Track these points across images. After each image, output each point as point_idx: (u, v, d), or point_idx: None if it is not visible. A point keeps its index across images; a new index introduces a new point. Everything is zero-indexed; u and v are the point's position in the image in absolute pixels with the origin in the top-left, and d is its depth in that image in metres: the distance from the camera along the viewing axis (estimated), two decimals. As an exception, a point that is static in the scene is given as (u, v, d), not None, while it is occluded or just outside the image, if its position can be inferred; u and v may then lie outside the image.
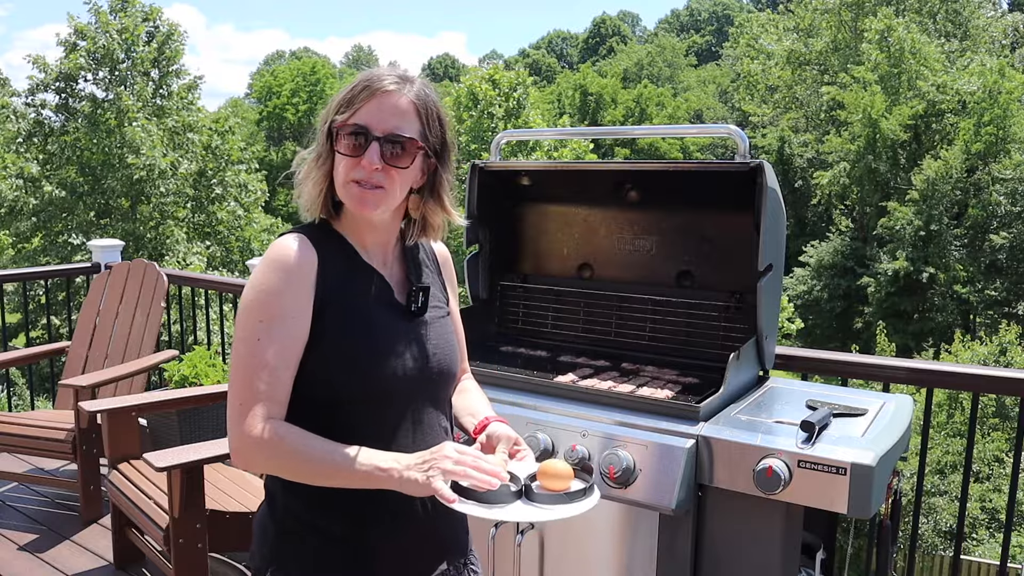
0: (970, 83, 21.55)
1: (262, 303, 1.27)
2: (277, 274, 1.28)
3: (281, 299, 1.28)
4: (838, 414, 1.96)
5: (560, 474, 1.35)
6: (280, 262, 1.29)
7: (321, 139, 1.36)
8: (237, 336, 1.27)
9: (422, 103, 1.35)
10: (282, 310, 1.27)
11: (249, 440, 1.25)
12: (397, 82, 1.34)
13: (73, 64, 17.95)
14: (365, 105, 1.32)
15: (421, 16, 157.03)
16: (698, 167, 2.44)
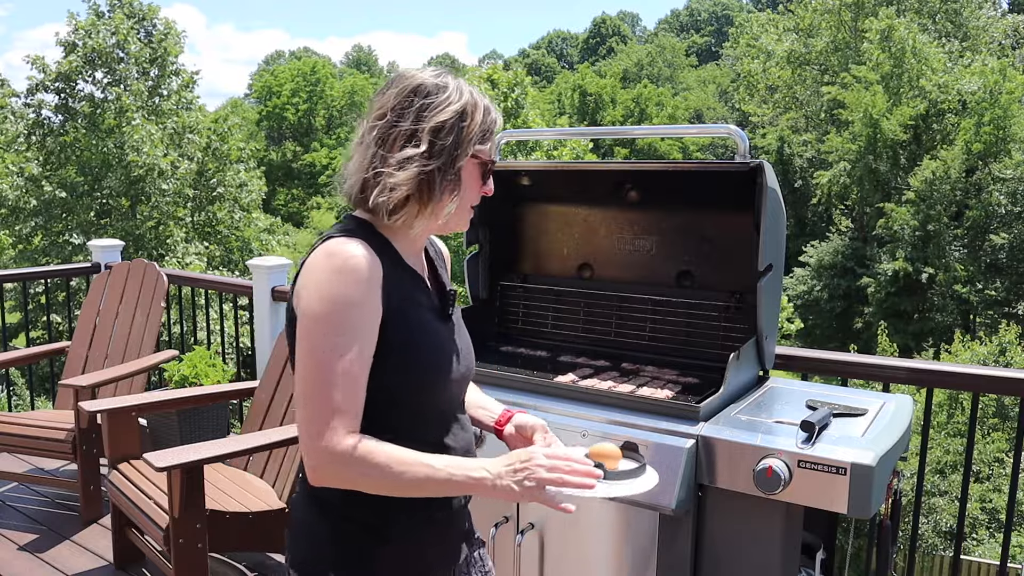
0: (971, 83, 21.55)
1: (340, 315, 1.23)
2: (352, 285, 1.24)
3: (359, 310, 1.25)
4: (838, 414, 1.96)
5: (612, 454, 1.43)
6: (355, 273, 1.24)
7: (447, 159, 1.32)
8: (308, 348, 1.24)
9: None
10: (361, 321, 1.25)
11: (335, 456, 1.22)
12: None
13: (72, 65, 17.95)
14: (493, 139, 1.39)
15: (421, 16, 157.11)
16: (698, 167, 2.44)
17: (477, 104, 1.35)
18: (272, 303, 4.19)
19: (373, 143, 1.32)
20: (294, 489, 3.13)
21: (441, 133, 1.31)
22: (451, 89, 1.34)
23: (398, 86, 1.35)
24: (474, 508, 1.50)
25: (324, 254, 1.26)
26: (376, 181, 1.30)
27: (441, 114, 1.31)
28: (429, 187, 1.30)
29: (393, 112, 1.32)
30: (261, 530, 2.85)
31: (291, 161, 45.70)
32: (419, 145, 1.29)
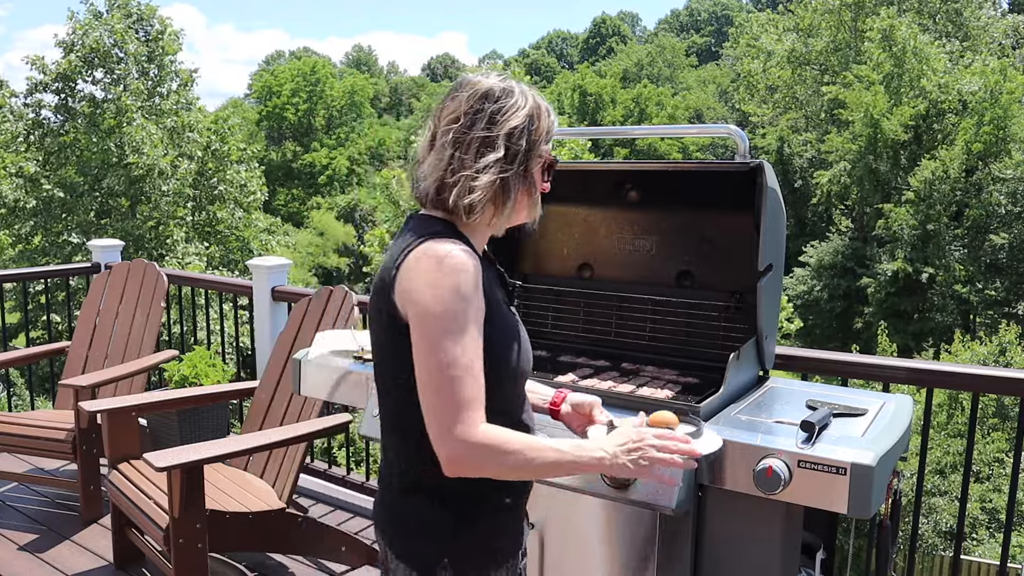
0: (971, 83, 21.54)
1: (456, 311, 1.29)
2: (463, 282, 1.30)
3: (472, 306, 1.31)
4: (838, 414, 1.96)
5: (672, 421, 1.64)
6: (463, 271, 1.31)
7: (521, 162, 1.42)
8: (429, 347, 1.29)
9: None
10: (475, 315, 1.32)
11: (472, 446, 1.28)
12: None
13: (71, 65, 17.94)
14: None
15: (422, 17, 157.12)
16: (698, 167, 2.44)
17: (541, 107, 1.45)
18: (272, 303, 4.19)
19: (450, 146, 1.39)
20: (294, 489, 3.13)
21: (514, 138, 1.40)
22: (517, 93, 1.42)
23: (467, 91, 1.42)
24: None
25: (427, 256, 1.32)
26: (455, 183, 1.37)
27: (513, 119, 1.40)
28: (505, 189, 1.40)
29: (466, 116, 1.39)
30: (261, 530, 2.85)
31: (291, 161, 45.69)
32: (497, 150, 1.38)
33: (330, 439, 8.16)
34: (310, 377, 2.56)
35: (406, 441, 1.41)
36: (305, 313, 3.50)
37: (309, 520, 3.11)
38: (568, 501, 2.10)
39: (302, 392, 2.61)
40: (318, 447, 9.74)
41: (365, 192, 41.46)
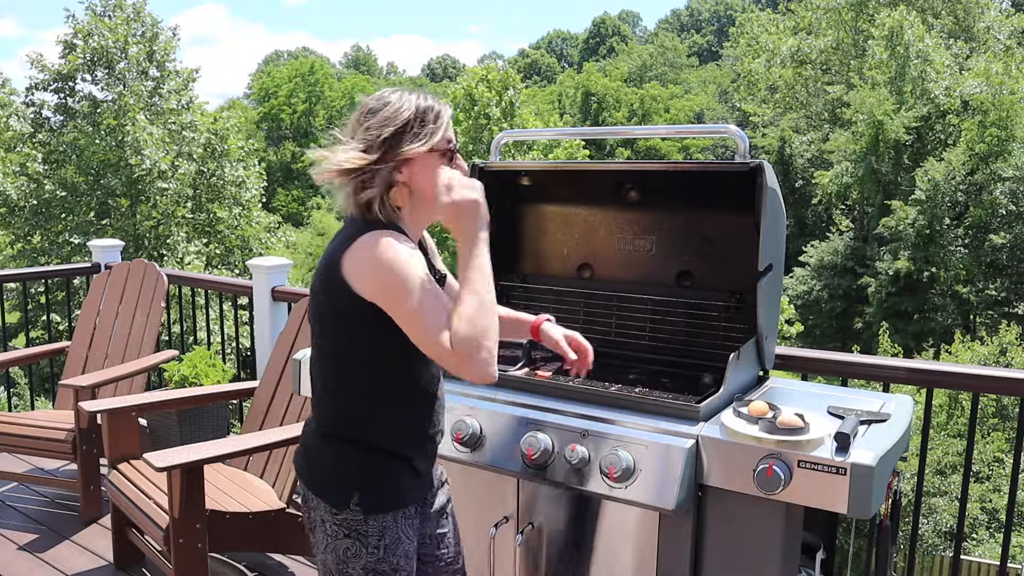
0: (975, 84, 21.50)
1: (408, 264, 1.53)
2: (398, 247, 1.54)
3: (414, 259, 1.55)
4: (865, 421, 1.94)
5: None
6: (395, 240, 1.55)
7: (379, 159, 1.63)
8: (402, 296, 1.52)
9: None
10: (419, 265, 1.55)
11: (461, 340, 1.51)
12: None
13: (71, 65, 17.93)
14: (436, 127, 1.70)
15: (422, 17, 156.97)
16: (698, 167, 2.44)
17: (404, 110, 1.62)
18: (272, 303, 4.19)
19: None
20: (294, 489, 3.13)
21: (381, 145, 1.60)
22: (393, 103, 1.63)
23: (356, 113, 1.66)
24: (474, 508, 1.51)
25: (364, 244, 1.55)
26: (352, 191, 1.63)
27: (379, 128, 1.60)
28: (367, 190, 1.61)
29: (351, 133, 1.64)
30: (261, 530, 2.85)
31: (291, 162, 45.69)
32: (368, 156, 1.59)
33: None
34: (310, 377, 2.56)
35: (335, 397, 1.68)
36: (305, 313, 3.49)
37: (309, 520, 3.11)
38: (568, 501, 2.10)
39: (302, 392, 2.61)
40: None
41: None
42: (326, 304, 1.62)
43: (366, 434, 1.67)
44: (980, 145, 20.75)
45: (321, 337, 1.68)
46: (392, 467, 1.69)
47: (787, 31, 30.02)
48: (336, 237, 1.65)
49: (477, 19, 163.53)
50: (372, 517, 1.66)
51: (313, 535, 1.74)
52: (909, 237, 21.18)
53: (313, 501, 1.70)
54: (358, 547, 1.67)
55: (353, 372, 1.65)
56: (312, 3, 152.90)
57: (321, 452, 1.72)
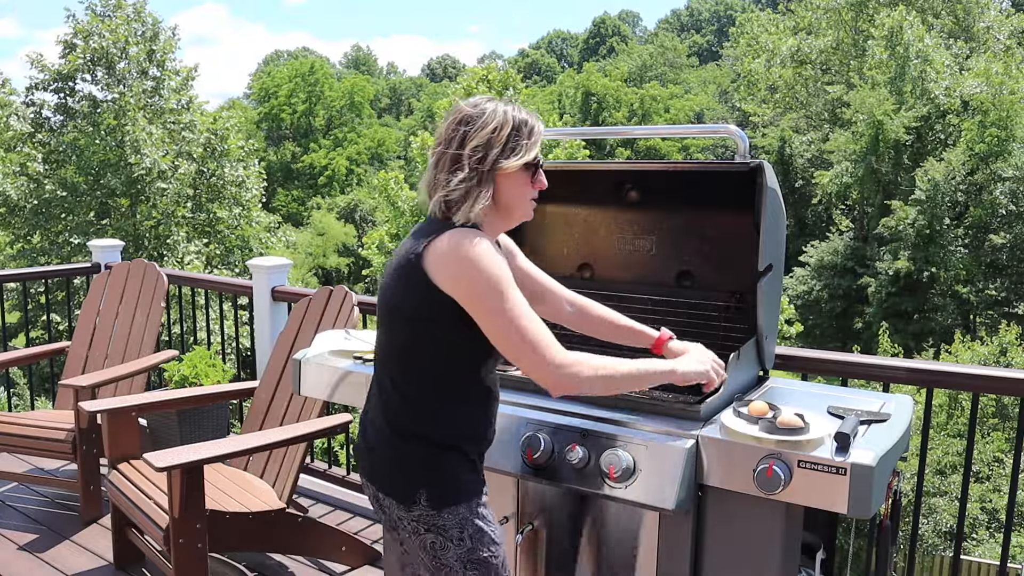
0: (975, 85, 21.49)
1: (495, 264, 1.58)
2: (494, 254, 1.59)
3: (506, 270, 1.60)
4: (865, 421, 1.94)
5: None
6: (490, 248, 1.60)
7: (481, 171, 1.69)
8: (494, 305, 1.57)
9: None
10: (507, 268, 1.61)
11: (567, 363, 1.59)
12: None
13: (71, 65, 17.93)
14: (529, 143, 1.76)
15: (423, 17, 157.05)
16: (698, 167, 2.44)
17: (509, 122, 1.66)
18: (272, 303, 4.19)
19: (432, 166, 1.69)
20: (294, 489, 3.13)
21: (475, 155, 1.64)
22: (487, 113, 1.67)
23: (450, 117, 1.69)
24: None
25: (451, 241, 1.59)
26: (434, 195, 1.67)
27: (476, 138, 1.64)
28: (474, 198, 1.65)
29: (445, 140, 1.67)
30: (261, 530, 2.85)
31: (291, 162, 45.68)
32: (462, 168, 1.64)
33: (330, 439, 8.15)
34: (310, 377, 2.56)
35: (401, 392, 1.70)
36: (305, 313, 3.50)
37: (309, 520, 3.11)
38: (568, 501, 2.10)
39: (302, 392, 2.61)
40: (318, 447, 9.73)
41: (365, 192, 41.46)
42: (401, 297, 1.65)
43: (432, 429, 1.69)
44: (980, 145, 20.74)
45: (392, 331, 1.70)
46: (453, 460, 1.70)
47: (787, 31, 30.01)
48: (414, 234, 1.69)
49: (477, 19, 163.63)
50: (446, 511, 1.67)
51: (396, 535, 1.75)
52: (909, 237, 21.18)
53: (385, 501, 1.72)
54: (442, 540, 1.68)
55: (422, 366, 1.68)
56: (312, 3, 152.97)
57: (388, 450, 1.73)
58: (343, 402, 2.52)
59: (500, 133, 1.66)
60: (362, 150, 47.42)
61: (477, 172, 1.64)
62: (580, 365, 1.61)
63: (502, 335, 1.59)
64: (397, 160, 46.06)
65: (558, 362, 1.59)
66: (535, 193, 1.75)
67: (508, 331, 1.58)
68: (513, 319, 1.58)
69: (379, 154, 48.17)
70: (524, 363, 1.60)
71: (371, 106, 53.39)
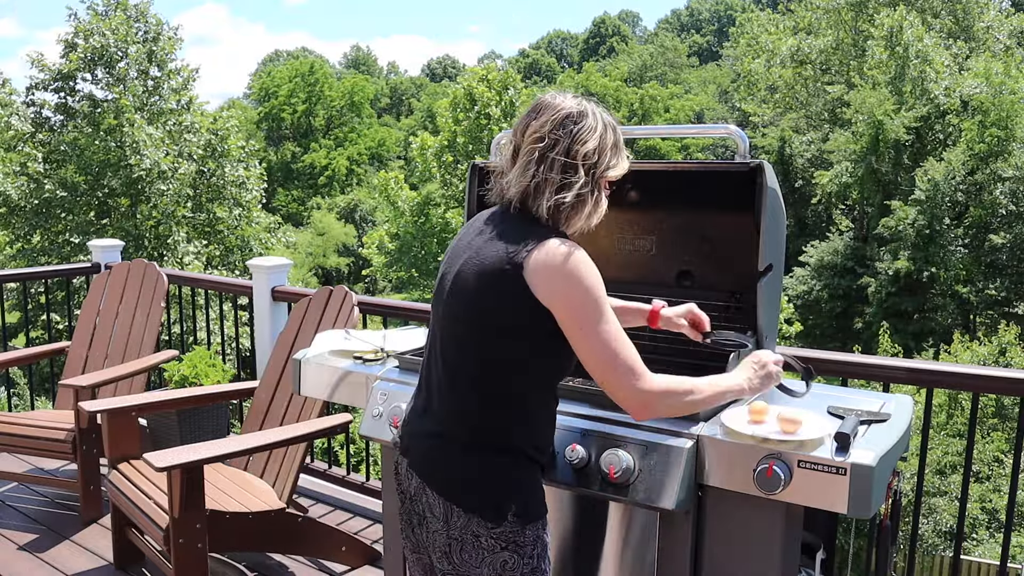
0: (975, 85, 21.49)
1: (600, 293, 1.58)
2: (595, 272, 1.60)
3: (603, 290, 1.61)
4: (865, 421, 1.94)
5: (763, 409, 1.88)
6: (592, 265, 1.60)
7: (594, 175, 1.68)
8: (595, 318, 1.56)
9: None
10: (606, 295, 1.62)
11: (658, 390, 1.60)
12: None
13: (72, 65, 17.93)
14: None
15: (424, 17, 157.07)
16: (698, 167, 2.44)
17: (608, 126, 1.66)
18: (272, 303, 4.19)
19: (535, 163, 1.60)
20: (294, 489, 3.13)
21: (589, 159, 1.62)
22: (590, 115, 1.63)
23: (549, 113, 1.62)
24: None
25: (557, 252, 1.55)
26: (540, 195, 1.61)
27: (590, 141, 1.61)
28: (584, 202, 1.64)
29: (549, 138, 1.60)
30: (261, 530, 2.85)
31: (291, 162, 45.67)
32: (578, 171, 1.60)
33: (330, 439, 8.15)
34: (310, 377, 2.56)
35: (489, 405, 1.63)
36: (305, 313, 3.50)
37: (309, 520, 3.12)
38: (568, 501, 2.10)
39: (302, 392, 2.61)
40: (318, 447, 9.73)
41: (365, 192, 41.47)
42: (493, 303, 1.58)
43: (515, 441, 1.64)
44: (980, 145, 20.74)
45: (475, 337, 1.62)
46: (536, 474, 1.68)
47: (787, 31, 30.00)
48: (492, 236, 1.62)
49: (477, 19, 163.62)
50: (529, 527, 1.63)
51: (458, 553, 1.63)
52: (909, 237, 21.17)
53: (462, 519, 1.61)
54: (516, 559, 1.62)
55: (511, 376, 1.62)
56: (312, 3, 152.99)
57: (467, 464, 1.64)
58: (343, 402, 2.52)
59: (605, 139, 1.64)
60: (362, 150, 47.42)
61: (592, 178, 1.62)
62: (669, 395, 1.62)
63: (596, 355, 1.57)
64: (397, 160, 46.06)
65: (648, 388, 1.58)
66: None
67: (603, 351, 1.57)
68: (609, 340, 1.56)
69: (379, 154, 48.16)
70: (612, 385, 1.58)
71: (371, 106, 53.39)
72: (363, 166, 46.74)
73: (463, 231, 1.74)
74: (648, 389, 1.58)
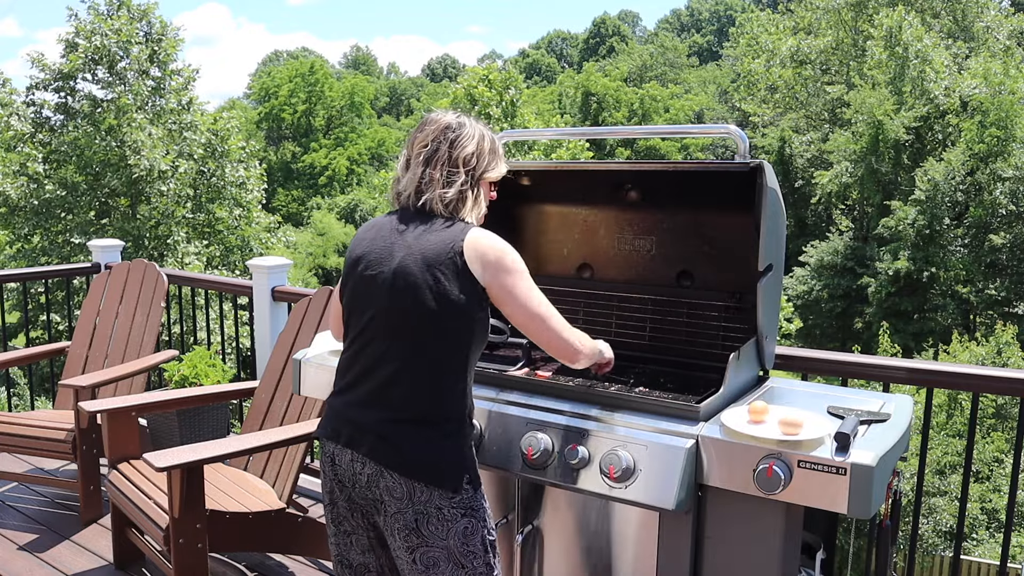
0: (974, 85, 21.48)
1: (524, 267, 1.83)
2: (517, 254, 1.84)
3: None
4: (865, 421, 1.94)
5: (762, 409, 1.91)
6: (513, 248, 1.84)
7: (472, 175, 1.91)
8: (528, 286, 1.82)
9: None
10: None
11: (586, 343, 1.94)
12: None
13: (72, 64, 17.92)
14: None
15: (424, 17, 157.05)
16: (698, 167, 2.44)
17: (486, 137, 1.91)
18: (272, 303, 4.19)
19: (421, 164, 1.86)
20: (294, 489, 3.13)
21: (469, 161, 1.87)
22: (468, 126, 1.89)
23: (432, 125, 1.89)
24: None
25: (486, 237, 1.79)
26: (427, 192, 1.85)
27: (468, 146, 1.87)
28: (464, 199, 1.86)
29: (433, 143, 1.86)
30: (261, 530, 2.85)
31: (291, 162, 45.68)
32: (459, 171, 1.84)
33: (330, 439, 8.13)
34: (310, 377, 2.57)
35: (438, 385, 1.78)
36: (305, 313, 3.50)
37: (309, 520, 3.11)
38: (568, 501, 2.10)
39: (302, 392, 2.61)
40: (318, 447, 9.71)
41: (365, 192, 41.47)
42: (446, 294, 1.74)
43: (459, 415, 1.80)
44: (980, 145, 20.74)
45: (433, 326, 1.76)
46: (471, 442, 1.84)
47: (787, 31, 30.00)
48: (423, 232, 1.81)
49: (477, 19, 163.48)
50: (479, 490, 1.80)
51: (425, 526, 1.74)
52: (909, 237, 21.18)
53: (424, 493, 1.73)
54: (474, 523, 1.77)
55: (455, 352, 1.78)
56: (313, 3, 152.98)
57: (423, 442, 1.76)
58: (343, 402, 2.52)
59: (482, 147, 1.89)
60: (362, 150, 47.42)
61: (470, 179, 1.86)
62: (585, 343, 1.93)
63: (532, 318, 1.82)
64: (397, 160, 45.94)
65: (577, 340, 1.91)
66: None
67: (539, 315, 1.83)
68: (541, 303, 1.84)
69: (379, 154, 48.16)
70: (554, 343, 1.86)
71: (371, 106, 53.39)
72: (363, 166, 46.74)
73: (373, 233, 1.89)
74: (580, 340, 1.92)
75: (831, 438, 1.78)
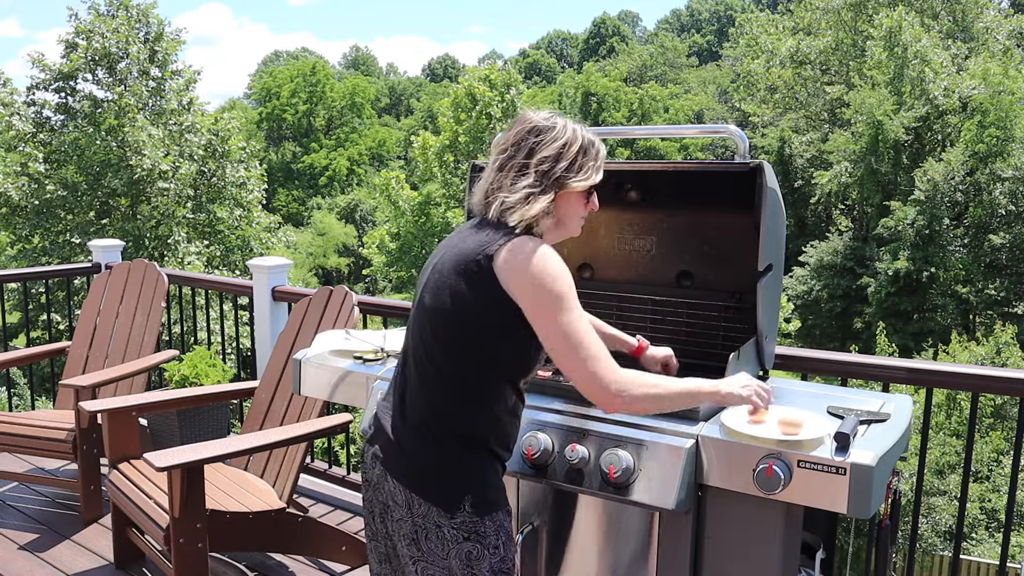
0: (974, 85, 21.48)
1: (568, 285, 1.61)
2: (563, 267, 1.63)
3: (572, 285, 1.64)
4: (864, 421, 1.94)
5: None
6: (559, 260, 1.63)
7: (547, 181, 1.72)
8: (559, 307, 1.59)
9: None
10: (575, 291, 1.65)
11: (625, 383, 1.62)
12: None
13: (73, 65, 17.92)
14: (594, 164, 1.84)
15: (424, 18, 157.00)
16: (698, 167, 2.44)
17: (579, 140, 1.72)
18: (272, 303, 4.19)
19: (495, 170, 1.72)
20: (294, 489, 3.13)
21: (544, 165, 1.68)
22: (558, 128, 1.71)
23: (519, 125, 1.74)
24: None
25: (524, 247, 1.60)
26: (493, 200, 1.69)
27: (547, 149, 1.69)
28: (535, 206, 1.66)
29: (512, 147, 1.71)
30: (261, 530, 2.86)
31: (291, 162, 45.69)
32: (527, 175, 1.67)
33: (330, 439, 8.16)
34: (310, 377, 2.57)
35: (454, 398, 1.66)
36: (305, 313, 3.50)
37: (309, 520, 3.11)
38: (568, 501, 2.10)
39: (302, 392, 2.61)
40: (318, 447, 9.74)
41: (365, 192, 41.47)
42: (465, 297, 1.62)
43: (477, 434, 1.68)
44: (979, 145, 20.75)
45: (446, 330, 1.66)
46: (495, 468, 1.72)
47: (787, 31, 30.01)
48: (468, 235, 1.69)
49: (477, 19, 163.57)
50: (488, 517, 1.67)
51: (424, 541, 1.68)
52: (908, 237, 21.18)
53: (422, 507, 1.66)
54: (479, 549, 1.66)
55: (476, 368, 1.65)
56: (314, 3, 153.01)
57: (427, 454, 1.68)
58: (343, 402, 2.52)
59: (569, 149, 1.70)
60: (363, 150, 47.45)
61: (542, 182, 1.67)
62: (633, 385, 1.63)
63: (561, 346, 1.60)
64: (397, 160, 46.05)
65: (612, 379, 1.61)
66: (586, 212, 1.80)
67: (568, 343, 1.60)
68: (575, 332, 1.60)
69: (379, 154, 48.18)
70: (578, 376, 1.62)
71: (371, 106, 53.40)
72: (363, 166, 46.76)
73: (446, 239, 1.80)
74: (612, 380, 1.61)
75: (831, 438, 1.78)
